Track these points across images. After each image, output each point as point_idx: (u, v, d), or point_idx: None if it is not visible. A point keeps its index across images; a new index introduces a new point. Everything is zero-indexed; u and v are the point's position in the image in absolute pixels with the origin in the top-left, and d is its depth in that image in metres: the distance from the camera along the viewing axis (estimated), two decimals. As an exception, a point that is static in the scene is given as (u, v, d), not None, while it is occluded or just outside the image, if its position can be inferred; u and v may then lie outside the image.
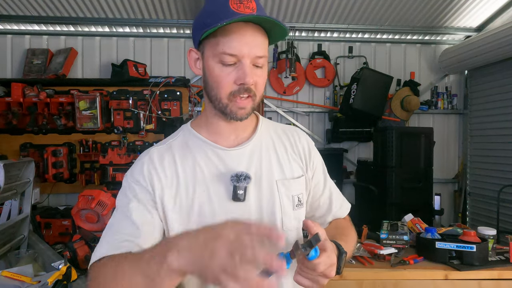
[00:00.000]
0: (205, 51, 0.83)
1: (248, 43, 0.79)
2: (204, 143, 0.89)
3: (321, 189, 1.00)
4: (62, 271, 1.47)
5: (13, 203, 1.94)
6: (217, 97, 0.83)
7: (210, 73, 0.83)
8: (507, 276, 1.81)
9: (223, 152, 0.88)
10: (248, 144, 0.91)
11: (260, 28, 0.82)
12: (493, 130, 3.54)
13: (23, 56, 3.58)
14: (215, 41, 0.80)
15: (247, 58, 0.80)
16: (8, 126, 3.32)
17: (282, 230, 0.88)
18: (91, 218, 2.33)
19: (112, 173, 3.16)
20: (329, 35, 3.83)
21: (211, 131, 0.91)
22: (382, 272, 1.80)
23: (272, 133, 0.96)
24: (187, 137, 0.92)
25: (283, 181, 0.90)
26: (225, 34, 0.78)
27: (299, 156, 0.96)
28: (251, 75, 0.80)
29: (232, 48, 0.78)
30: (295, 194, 0.91)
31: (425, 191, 3.17)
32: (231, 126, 0.90)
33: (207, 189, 0.85)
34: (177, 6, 3.31)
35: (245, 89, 0.81)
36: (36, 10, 3.33)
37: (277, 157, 0.93)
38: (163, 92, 3.52)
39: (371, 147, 3.55)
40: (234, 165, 0.87)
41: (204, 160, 0.87)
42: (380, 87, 3.48)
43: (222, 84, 0.81)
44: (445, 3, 3.31)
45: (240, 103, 0.82)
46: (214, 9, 0.80)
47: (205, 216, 0.83)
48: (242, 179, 0.84)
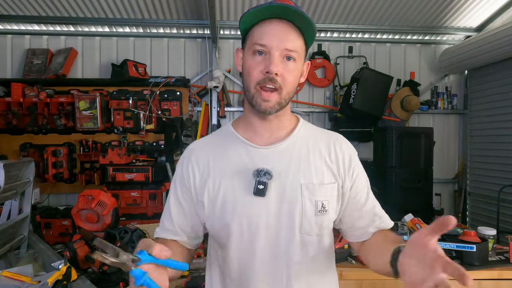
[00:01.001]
0: (245, 47, 0.91)
1: (278, 35, 0.84)
2: (239, 140, 0.96)
3: (363, 200, 0.97)
4: (62, 271, 1.47)
5: (13, 203, 1.94)
6: (248, 87, 0.89)
7: (244, 65, 0.90)
8: (507, 276, 1.81)
9: (254, 150, 0.93)
10: (281, 144, 0.94)
11: (294, 27, 0.87)
12: (493, 130, 3.54)
13: (23, 56, 3.58)
14: (251, 34, 0.88)
15: (276, 50, 0.84)
16: (8, 126, 3.32)
17: (300, 232, 0.90)
18: (91, 218, 2.33)
19: (112, 173, 3.16)
20: (329, 35, 3.83)
21: (248, 130, 0.96)
22: (382, 272, 1.80)
23: (310, 137, 0.97)
24: (225, 134, 1.00)
25: (308, 185, 0.91)
26: (259, 26, 0.86)
27: (336, 164, 0.95)
28: (277, 64, 0.84)
29: (263, 38, 0.85)
30: (320, 199, 0.91)
31: (425, 191, 3.17)
32: (266, 124, 0.94)
33: (232, 182, 0.91)
34: (177, 6, 3.31)
35: (270, 78, 0.84)
36: (36, 10, 3.33)
37: (308, 161, 0.93)
38: (163, 92, 3.53)
39: (371, 147, 3.55)
40: (260, 162, 0.91)
41: (235, 156, 0.93)
42: (380, 87, 3.48)
43: (251, 73, 0.87)
44: (445, 3, 3.31)
45: (264, 95, 0.86)
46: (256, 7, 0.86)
47: (227, 205, 0.91)
48: (262, 174, 0.88)
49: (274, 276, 0.90)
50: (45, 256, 1.84)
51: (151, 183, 3.22)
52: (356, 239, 0.99)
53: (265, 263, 0.90)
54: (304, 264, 0.91)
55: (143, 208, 3.22)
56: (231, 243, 0.91)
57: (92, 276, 1.70)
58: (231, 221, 0.90)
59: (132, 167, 3.21)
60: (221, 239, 0.93)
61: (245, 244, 0.90)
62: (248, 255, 0.90)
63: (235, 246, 0.91)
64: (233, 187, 0.91)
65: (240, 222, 0.89)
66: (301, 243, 0.90)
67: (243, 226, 0.89)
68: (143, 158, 3.47)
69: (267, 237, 0.90)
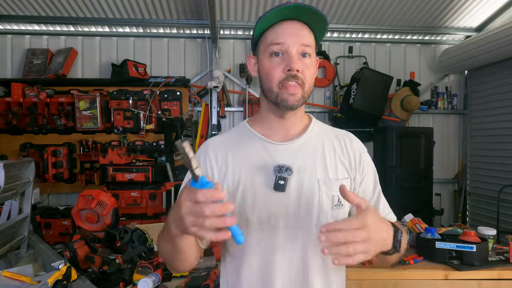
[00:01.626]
0: (259, 52, 0.94)
1: (292, 33, 0.88)
2: (256, 137, 0.98)
3: (369, 195, 1.02)
4: (62, 271, 1.46)
5: (13, 203, 1.94)
6: (269, 88, 0.91)
7: (262, 68, 0.92)
8: (507, 276, 1.81)
9: (272, 146, 0.96)
10: (297, 141, 0.97)
11: (305, 25, 0.91)
12: (493, 130, 3.54)
13: (23, 56, 3.58)
14: (264, 38, 0.91)
15: (293, 47, 0.88)
16: (8, 126, 3.33)
17: (316, 225, 0.92)
18: (91, 218, 2.33)
19: (112, 173, 3.16)
20: (329, 35, 3.83)
21: (264, 126, 0.99)
22: (382, 272, 1.80)
23: (323, 135, 1.01)
24: (242, 131, 1.01)
25: (325, 180, 0.94)
26: (272, 30, 0.90)
27: (348, 160, 0.99)
28: (297, 61, 0.88)
29: (278, 38, 0.88)
30: (336, 194, 0.92)
31: (425, 191, 3.17)
32: (283, 122, 0.97)
33: (252, 177, 0.93)
34: (177, 6, 3.32)
35: (293, 75, 0.88)
36: (36, 10, 3.33)
37: (324, 158, 0.97)
38: (163, 92, 3.53)
39: (371, 147, 3.55)
40: (279, 158, 0.93)
41: (253, 152, 0.95)
42: (380, 87, 3.48)
43: (272, 74, 0.89)
44: (445, 3, 3.31)
45: (290, 89, 0.88)
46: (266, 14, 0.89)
47: (247, 199, 0.92)
48: (284, 170, 0.91)
49: (293, 267, 0.92)
50: (45, 256, 1.84)
51: (151, 183, 3.22)
52: None
53: (285, 255, 0.92)
54: (320, 258, 0.94)
55: (143, 208, 3.22)
56: (251, 237, 0.92)
57: (92, 276, 1.70)
58: (251, 215, 0.92)
59: (132, 167, 3.21)
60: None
61: (265, 237, 0.92)
62: (268, 248, 0.92)
63: (255, 240, 0.92)
64: (253, 182, 0.93)
65: (260, 216, 0.92)
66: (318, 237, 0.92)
67: (263, 219, 0.92)
68: (143, 158, 3.47)
69: (286, 230, 0.92)
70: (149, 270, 1.72)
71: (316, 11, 0.88)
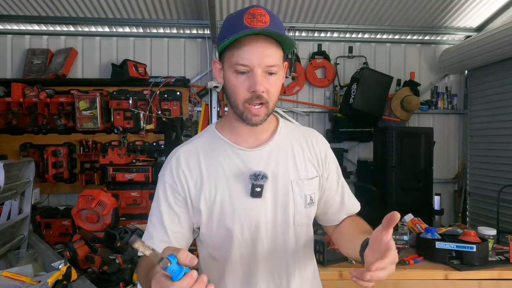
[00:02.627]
0: (224, 62, 0.92)
1: (258, 53, 0.86)
2: (227, 144, 0.98)
3: (334, 189, 1.07)
4: (62, 271, 1.47)
5: (13, 203, 1.94)
6: (235, 104, 0.92)
7: (227, 82, 0.92)
8: (507, 276, 1.81)
9: (243, 153, 0.96)
10: (267, 146, 0.98)
11: (271, 40, 0.88)
12: (493, 130, 3.54)
13: (23, 56, 3.58)
14: (230, 53, 0.88)
15: (258, 68, 0.87)
16: (8, 126, 3.32)
17: (293, 225, 0.98)
18: (91, 218, 2.33)
19: (112, 173, 3.16)
20: (329, 35, 3.83)
21: (233, 133, 0.99)
22: (382, 272, 1.80)
23: (291, 136, 1.03)
24: (212, 138, 1.00)
25: (297, 181, 0.98)
26: (238, 47, 0.86)
27: (316, 158, 1.03)
28: (261, 83, 0.87)
29: (244, 59, 0.86)
30: (308, 193, 0.99)
31: (425, 191, 3.17)
32: (250, 129, 0.97)
33: (228, 186, 0.94)
34: (177, 6, 3.32)
35: (257, 96, 0.88)
36: (36, 10, 3.33)
37: (294, 159, 1.00)
38: (163, 92, 3.53)
39: (371, 147, 3.55)
40: (253, 165, 0.95)
41: (226, 160, 0.96)
42: (380, 87, 3.48)
43: (237, 92, 0.90)
44: (445, 3, 3.31)
45: (253, 111, 0.90)
46: (230, 24, 0.88)
47: (226, 209, 0.94)
48: (260, 178, 0.92)
49: (275, 267, 0.97)
50: (45, 256, 1.84)
51: (151, 183, 3.22)
52: (329, 223, 1.11)
53: (266, 258, 0.96)
54: (298, 253, 1.00)
55: (143, 208, 3.22)
56: (233, 244, 0.95)
57: (92, 276, 1.70)
58: (232, 224, 0.93)
59: (132, 167, 3.21)
60: (220, 242, 0.96)
61: (246, 244, 0.95)
62: (250, 253, 0.96)
63: (237, 247, 0.95)
64: (230, 191, 0.94)
65: (242, 224, 0.94)
66: (295, 235, 0.99)
67: (244, 227, 0.94)
68: (143, 158, 3.47)
69: (266, 233, 0.96)
70: (149, 270, 1.72)
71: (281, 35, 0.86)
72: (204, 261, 1.03)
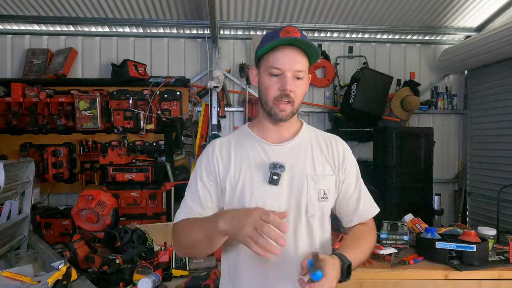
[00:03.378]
0: (261, 67, 1.11)
1: (289, 59, 1.05)
2: (254, 138, 1.15)
3: (350, 193, 1.18)
4: (62, 271, 1.46)
5: (13, 203, 1.94)
6: (266, 101, 1.09)
7: (262, 83, 1.10)
8: (507, 276, 1.81)
9: (268, 147, 1.13)
10: (289, 143, 1.14)
11: (301, 50, 1.07)
12: (493, 130, 3.54)
13: (23, 56, 3.59)
14: (266, 59, 1.08)
15: (288, 72, 1.05)
16: (8, 126, 3.33)
17: (306, 215, 1.10)
18: (91, 218, 2.33)
19: (112, 173, 3.16)
20: (329, 35, 3.84)
21: (261, 130, 1.16)
22: (382, 272, 1.80)
23: (312, 137, 1.18)
24: (243, 133, 1.19)
25: (313, 176, 1.11)
26: (273, 54, 1.06)
27: (333, 159, 1.16)
28: (290, 83, 1.05)
29: (277, 62, 1.05)
30: (322, 188, 1.11)
31: (425, 191, 3.17)
32: (276, 127, 1.14)
33: (251, 173, 1.10)
34: (177, 6, 3.32)
35: (285, 94, 1.05)
36: (36, 10, 3.33)
37: (312, 157, 1.14)
38: (163, 92, 3.53)
39: (371, 147, 3.55)
40: (274, 157, 1.10)
41: (252, 151, 1.13)
42: (380, 87, 3.48)
43: (269, 90, 1.07)
44: (445, 3, 3.31)
45: (281, 106, 1.07)
46: (268, 38, 1.08)
47: (246, 191, 1.09)
48: (278, 167, 1.07)
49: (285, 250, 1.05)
50: (45, 256, 1.84)
51: (151, 183, 3.22)
52: (345, 225, 1.23)
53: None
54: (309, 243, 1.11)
55: (143, 208, 3.22)
56: None
57: (92, 276, 1.70)
58: (249, 204, 1.07)
59: (132, 167, 3.21)
60: None
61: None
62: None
63: None
64: (251, 177, 1.09)
65: (257, 205, 1.05)
66: (307, 224, 1.10)
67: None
68: (143, 158, 3.47)
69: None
70: (149, 270, 1.72)
71: (310, 44, 1.06)
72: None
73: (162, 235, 2.26)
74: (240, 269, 1.11)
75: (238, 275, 1.11)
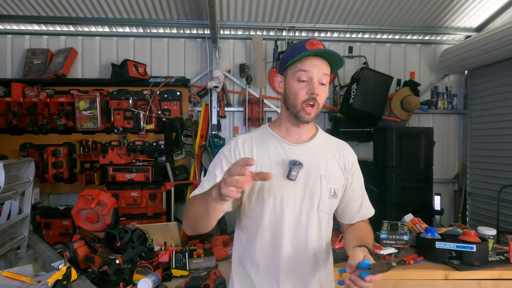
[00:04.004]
0: (287, 74, 1.22)
1: (316, 67, 1.18)
2: (276, 138, 1.26)
3: (356, 194, 1.33)
4: (62, 271, 1.47)
5: (13, 203, 1.94)
6: (294, 105, 1.20)
7: (289, 88, 1.21)
8: (507, 276, 1.81)
9: (288, 146, 1.24)
10: (307, 144, 1.26)
11: (325, 61, 1.20)
12: (493, 130, 3.54)
13: (23, 56, 3.59)
14: (295, 66, 1.19)
15: (315, 77, 1.17)
16: (8, 126, 3.33)
17: (317, 210, 1.22)
18: (91, 218, 2.33)
19: (112, 173, 3.16)
20: (329, 35, 3.83)
21: (282, 130, 1.28)
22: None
23: (327, 142, 1.31)
24: (264, 132, 1.30)
25: (326, 175, 1.23)
26: (301, 62, 1.18)
27: (344, 164, 1.29)
28: (317, 88, 1.17)
29: (305, 66, 1.17)
30: (333, 187, 1.24)
31: (425, 191, 3.17)
32: (297, 129, 1.26)
33: (270, 168, 1.19)
34: (177, 6, 3.32)
35: (313, 98, 1.17)
36: (36, 10, 3.33)
37: (326, 159, 1.26)
38: (163, 92, 3.53)
39: (371, 147, 3.55)
40: (293, 156, 1.22)
41: (272, 149, 1.24)
42: (380, 87, 3.48)
43: (298, 94, 1.19)
44: (445, 3, 3.31)
45: (307, 110, 1.19)
46: (295, 49, 1.20)
47: (265, 185, 1.19)
48: (297, 164, 1.19)
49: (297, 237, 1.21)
50: (45, 256, 1.84)
51: (151, 183, 3.22)
52: (345, 222, 1.37)
53: (291, 229, 1.20)
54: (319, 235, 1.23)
55: (143, 208, 3.22)
56: (265, 215, 1.20)
57: (92, 276, 1.70)
58: (267, 197, 1.19)
59: (132, 167, 3.21)
60: (256, 212, 1.21)
61: (276, 216, 1.20)
62: (278, 223, 1.20)
63: (268, 217, 1.20)
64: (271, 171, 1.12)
65: (275, 199, 1.19)
66: (318, 218, 1.22)
67: (276, 202, 1.19)
68: (143, 158, 3.47)
69: (294, 210, 1.20)
70: (149, 270, 1.72)
71: (337, 55, 1.18)
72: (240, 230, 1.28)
73: (162, 235, 2.27)
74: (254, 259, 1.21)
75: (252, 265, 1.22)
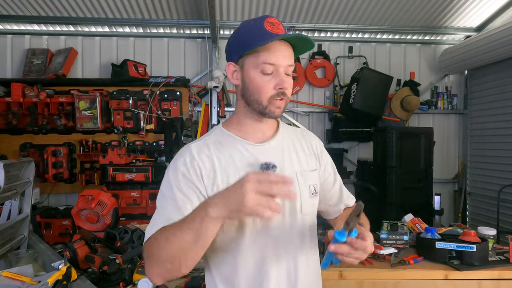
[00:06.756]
0: (246, 64, 1.01)
1: (283, 55, 0.99)
2: (235, 139, 1.06)
3: (331, 182, 1.19)
4: (62, 271, 1.46)
5: (13, 203, 1.94)
6: (258, 100, 1.01)
7: (251, 82, 1.00)
8: (507, 276, 1.81)
9: (251, 147, 1.05)
10: (272, 141, 1.08)
11: (288, 44, 1.01)
12: (493, 130, 3.54)
13: (23, 56, 3.59)
14: (256, 55, 0.98)
15: (282, 68, 0.99)
16: (8, 126, 3.33)
17: (301, 214, 1.05)
18: (91, 218, 2.33)
19: (112, 173, 3.16)
20: (329, 35, 3.83)
21: (240, 129, 1.07)
22: (382, 272, 1.80)
23: (291, 133, 1.15)
24: (220, 135, 1.08)
25: (301, 172, 1.07)
26: (265, 49, 0.97)
27: (313, 153, 1.14)
28: (286, 81, 1.00)
29: (271, 58, 0.97)
30: (311, 184, 1.08)
31: (425, 191, 3.17)
32: (259, 125, 1.07)
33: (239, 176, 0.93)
34: (177, 6, 3.32)
35: (282, 93, 1.00)
36: (36, 10, 3.33)
37: (296, 153, 1.10)
38: (163, 92, 3.53)
39: (371, 147, 3.55)
40: (260, 157, 1.03)
41: (235, 153, 1.03)
42: (380, 87, 3.48)
43: (263, 90, 0.99)
44: (445, 3, 3.31)
45: (277, 104, 1.01)
46: (251, 30, 0.99)
47: None
48: (270, 167, 1.01)
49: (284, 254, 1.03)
50: (45, 256, 1.84)
51: (151, 183, 3.22)
52: (332, 216, 1.22)
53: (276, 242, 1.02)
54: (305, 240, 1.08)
55: (143, 208, 3.22)
56: (245, 231, 1.00)
57: (92, 276, 1.70)
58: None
59: (132, 167, 3.21)
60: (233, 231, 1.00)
61: (257, 231, 1.00)
62: (262, 237, 1.01)
63: (249, 232, 1.00)
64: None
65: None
66: (302, 222, 1.06)
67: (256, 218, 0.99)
68: (143, 158, 3.47)
69: (276, 220, 1.02)
70: (149, 270, 1.72)
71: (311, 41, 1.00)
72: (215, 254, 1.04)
73: (162, 235, 2.26)
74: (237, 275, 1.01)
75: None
